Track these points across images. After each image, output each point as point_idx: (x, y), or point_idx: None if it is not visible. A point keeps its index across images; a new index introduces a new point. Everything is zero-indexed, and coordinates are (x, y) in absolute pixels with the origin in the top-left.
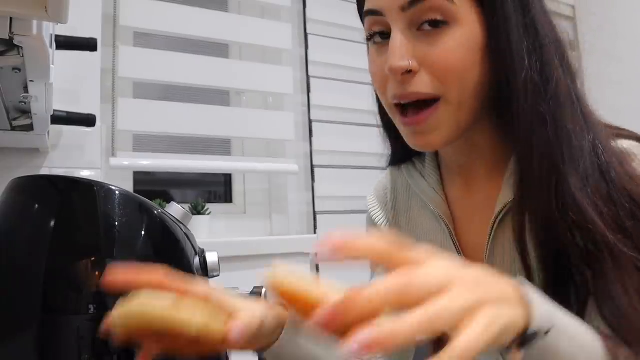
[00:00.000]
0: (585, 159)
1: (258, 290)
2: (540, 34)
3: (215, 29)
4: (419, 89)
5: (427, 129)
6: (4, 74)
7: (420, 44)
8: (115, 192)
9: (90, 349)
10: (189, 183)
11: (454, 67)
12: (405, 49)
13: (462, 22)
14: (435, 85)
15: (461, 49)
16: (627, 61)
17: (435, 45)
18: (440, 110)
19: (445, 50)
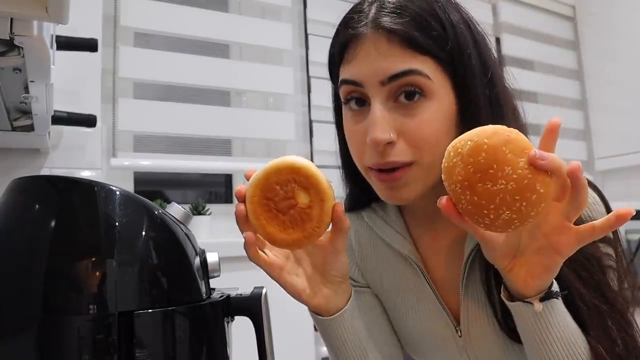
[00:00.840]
0: None
1: (258, 291)
2: (503, 107)
3: (215, 30)
4: (396, 158)
5: (399, 185)
6: (4, 75)
7: (397, 116)
8: (115, 193)
9: (91, 349)
10: (190, 183)
11: (429, 137)
12: (386, 122)
13: (437, 96)
14: (410, 152)
15: (435, 120)
16: (626, 61)
17: (411, 117)
18: (413, 171)
19: (421, 121)
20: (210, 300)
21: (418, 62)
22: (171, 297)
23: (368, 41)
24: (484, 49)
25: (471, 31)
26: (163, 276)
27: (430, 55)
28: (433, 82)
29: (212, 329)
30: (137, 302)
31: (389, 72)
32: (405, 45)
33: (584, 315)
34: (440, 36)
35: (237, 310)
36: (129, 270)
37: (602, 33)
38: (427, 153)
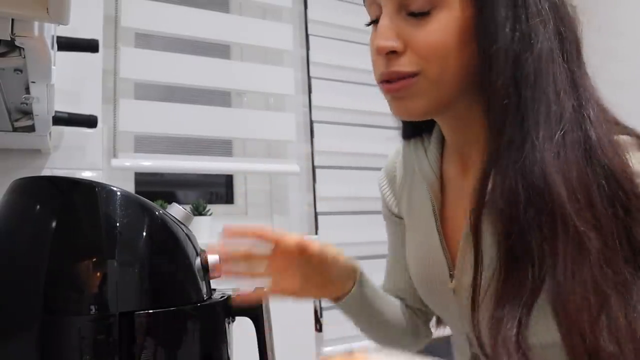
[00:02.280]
0: (565, 127)
1: (259, 291)
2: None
3: (216, 30)
4: (400, 68)
5: (405, 96)
6: (5, 75)
7: (407, 27)
8: (116, 193)
9: (92, 349)
10: (190, 184)
11: (436, 48)
12: (391, 31)
13: (449, 6)
14: (417, 63)
15: (445, 31)
16: (629, 61)
17: (420, 28)
18: (419, 82)
19: (430, 32)
20: (211, 300)
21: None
22: (172, 297)
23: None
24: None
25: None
26: (164, 277)
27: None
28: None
29: (213, 330)
30: (137, 302)
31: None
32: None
33: None
34: None
35: (238, 310)
36: (129, 271)
37: (604, 33)
38: (434, 64)
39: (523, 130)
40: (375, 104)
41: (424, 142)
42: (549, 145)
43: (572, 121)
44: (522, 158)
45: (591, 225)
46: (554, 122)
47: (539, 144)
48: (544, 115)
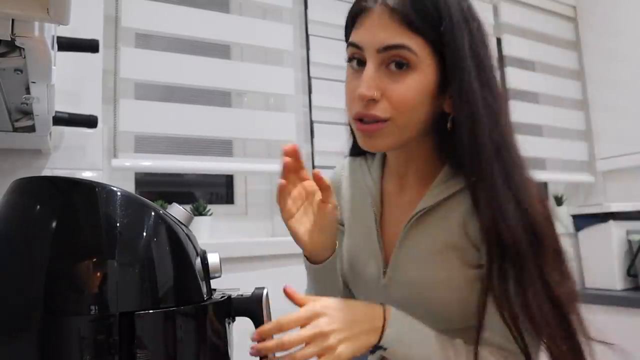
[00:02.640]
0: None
1: (259, 292)
2: (491, 86)
3: (216, 30)
4: (376, 113)
5: (375, 135)
6: (6, 75)
7: (385, 79)
8: (116, 193)
9: (92, 350)
10: (191, 184)
11: (407, 102)
12: (373, 82)
13: (421, 69)
14: (389, 111)
15: (415, 90)
16: (628, 61)
17: (396, 83)
18: (388, 127)
19: (403, 88)
20: (211, 300)
21: (410, 39)
22: (172, 297)
23: (374, 14)
24: (477, 40)
25: (467, 23)
26: (164, 277)
27: (422, 36)
28: (419, 58)
29: (213, 330)
30: (138, 302)
31: (385, 42)
32: (402, 24)
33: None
34: (435, 21)
35: (238, 310)
36: (129, 271)
37: (603, 33)
38: (402, 115)
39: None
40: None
41: (367, 161)
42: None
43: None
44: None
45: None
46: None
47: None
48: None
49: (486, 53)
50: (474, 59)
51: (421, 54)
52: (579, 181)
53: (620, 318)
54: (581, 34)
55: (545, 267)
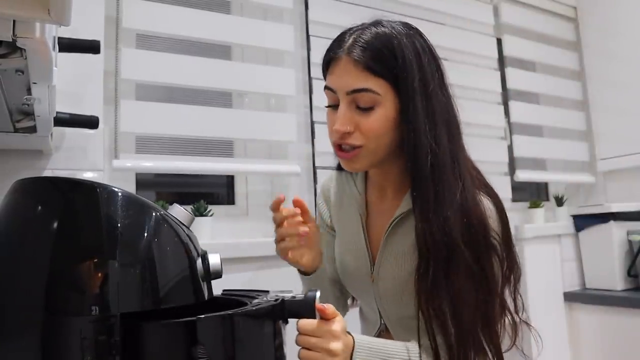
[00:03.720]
0: (456, 200)
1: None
2: (435, 115)
3: (217, 31)
4: (351, 142)
5: (352, 159)
6: (7, 76)
7: (356, 115)
8: (117, 194)
9: (93, 350)
10: (191, 184)
11: (375, 131)
12: (346, 119)
13: (384, 105)
14: (361, 140)
15: (380, 122)
16: (628, 62)
17: (365, 117)
18: (362, 152)
19: (371, 122)
20: (267, 303)
21: (373, 82)
22: (173, 298)
23: (342, 63)
24: (427, 73)
25: (419, 59)
26: (164, 278)
27: (382, 78)
28: (381, 96)
29: (269, 331)
30: (138, 303)
31: (352, 87)
32: (365, 70)
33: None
34: (391, 64)
35: (291, 313)
36: (130, 272)
37: (604, 34)
38: (372, 141)
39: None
40: None
41: (352, 175)
42: (450, 210)
43: (459, 197)
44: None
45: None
46: (450, 198)
47: (443, 209)
48: (447, 194)
49: (435, 83)
50: (423, 91)
51: (383, 93)
52: (580, 181)
53: (620, 318)
54: (582, 34)
55: (454, 277)
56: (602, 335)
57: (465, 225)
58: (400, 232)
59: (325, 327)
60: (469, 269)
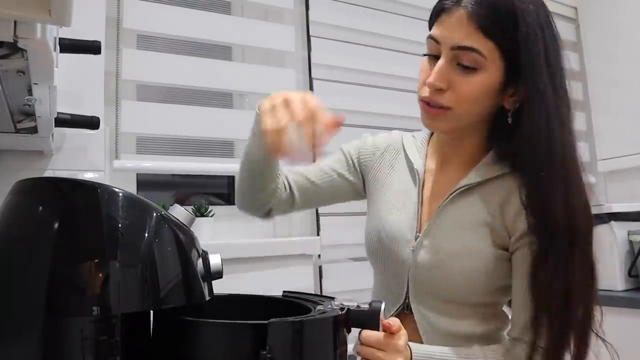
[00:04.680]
0: (581, 187)
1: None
2: (560, 92)
3: (218, 32)
4: (440, 102)
5: (435, 119)
6: (8, 77)
7: (454, 74)
8: (118, 194)
9: (94, 350)
10: (192, 185)
11: (469, 97)
12: (442, 75)
13: (488, 70)
14: (452, 102)
15: (480, 87)
16: (629, 62)
17: (463, 78)
18: (449, 114)
19: (468, 84)
20: (334, 312)
21: (482, 43)
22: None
23: (454, 15)
24: (550, 49)
25: (542, 32)
26: (165, 278)
27: (493, 40)
28: (487, 61)
29: (336, 340)
30: (139, 303)
31: (459, 43)
32: (477, 28)
33: None
34: (509, 28)
35: (355, 322)
36: (131, 272)
37: (604, 34)
38: (463, 107)
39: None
40: (376, 105)
41: (415, 137)
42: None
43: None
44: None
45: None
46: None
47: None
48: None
49: (558, 61)
50: (548, 66)
51: (490, 57)
52: None
53: (621, 319)
54: (582, 35)
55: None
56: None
57: (585, 214)
58: (458, 205)
59: (390, 341)
60: (585, 262)
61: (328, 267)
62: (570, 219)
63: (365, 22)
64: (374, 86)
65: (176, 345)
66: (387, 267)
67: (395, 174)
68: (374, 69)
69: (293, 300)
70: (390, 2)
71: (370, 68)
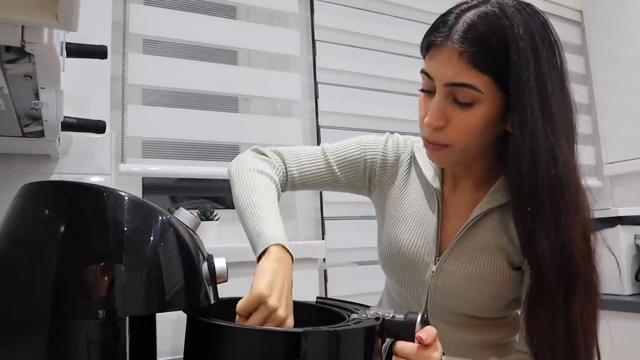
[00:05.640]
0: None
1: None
2: (555, 118)
3: (223, 36)
4: (440, 140)
5: (438, 156)
6: (15, 81)
7: (451, 109)
8: (124, 198)
9: (99, 353)
10: (198, 189)
11: (467, 131)
12: (439, 113)
13: (485, 104)
14: (450, 138)
15: (477, 121)
16: (634, 65)
17: (460, 113)
18: (450, 150)
19: (466, 119)
20: (370, 322)
21: (476, 78)
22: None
23: (444, 51)
24: (544, 67)
25: (536, 51)
26: (171, 281)
27: (488, 74)
28: (483, 95)
29: (370, 350)
30: (145, 306)
31: (452, 80)
32: (469, 64)
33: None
34: (500, 57)
35: (389, 332)
36: (137, 275)
37: (609, 37)
38: (462, 142)
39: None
40: (381, 109)
41: (422, 152)
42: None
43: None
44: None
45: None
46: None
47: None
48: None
49: (554, 80)
50: (540, 91)
51: (486, 90)
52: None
53: (628, 323)
54: (587, 38)
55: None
56: (609, 340)
57: (585, 247)
58: (476, 229)
59: (425, 354)
60: (586, 297)
61: (333, 271)
62: (562, 262)
63: (370, 26)
64: (379, 90)
65: (208, 351)
66: (404, 286)
67: (410, 189)
68: (378, 73)
69: (327, 307)
70: (395, 6)
71: (375, 72)
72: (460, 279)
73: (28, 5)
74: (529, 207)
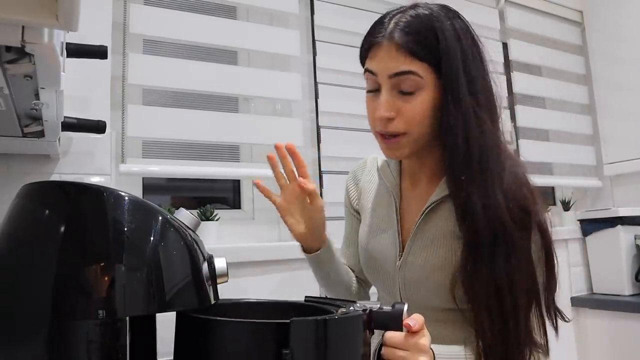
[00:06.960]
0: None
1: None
2: (479, 97)
3: (223, 36)
4: (394, 130)
5: (395, 147)
6: (15, 81)
7: (398, 100)
8: (124, 198)
9: (99, 353)
10: (198, 189)
11: (417, 118)
12: (388, 105)
13: (426, 89)
14: (403, 127)
15: (422, 107)
16: (635, 65)
17: (407, 102)
18: (405, 139)
19: (413, 107)
20: (357, 313)
21: (415, 65)
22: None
23: (384, 47)
24: (468, 54)
25: (460, 41)
26: (171, 281)
27: (425, 61)
28: (424, 80)
29: (359, 340)
30: (145, 307)
31: (394, 70)
32: (407, 54)
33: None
34: (433, 47)
35: (377, 324)
36: (137, 276)
37: (610, 38)
38: (415, 128)
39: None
40: None
41: (388, 162)
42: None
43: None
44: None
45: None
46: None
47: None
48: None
49: (478, 68)
50: (466, 73)
51: (426, 76)
52: (587, 186)
53: (628, 323)
54: (588, 38)
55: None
56: (609, 341)
57: (510, 209)
58: (433, 219)
59: (413, 341)
60: (517, 256)
61: None
62: (490, 220)
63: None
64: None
65: (199, 345)
66: (382, 287)
67: (376, 197)
68: None
69: (316, 305)
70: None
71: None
72: (423, 269)
73: (28, 5)
74: (463, 175)
